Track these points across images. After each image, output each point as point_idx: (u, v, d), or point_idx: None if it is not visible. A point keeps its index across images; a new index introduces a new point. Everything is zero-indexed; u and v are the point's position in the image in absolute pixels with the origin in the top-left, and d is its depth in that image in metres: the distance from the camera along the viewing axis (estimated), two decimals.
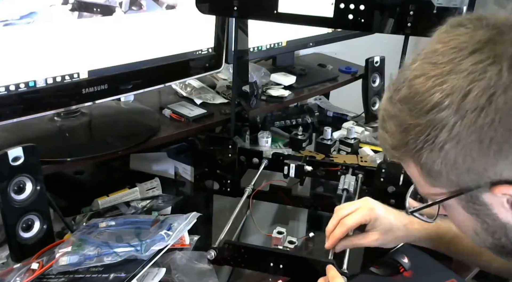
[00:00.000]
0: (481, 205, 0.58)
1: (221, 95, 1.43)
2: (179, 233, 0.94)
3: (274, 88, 1.53)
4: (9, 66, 0.93)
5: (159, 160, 1.33)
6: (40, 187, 0.93)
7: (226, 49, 1.34)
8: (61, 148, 1.07)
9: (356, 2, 0.97)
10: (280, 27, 1.37)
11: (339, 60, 1.90)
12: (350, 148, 1.42)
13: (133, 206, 1.15)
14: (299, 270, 0.89)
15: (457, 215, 0.62)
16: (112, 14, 1.05)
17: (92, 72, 1.06)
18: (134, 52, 1.13)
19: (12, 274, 0.87)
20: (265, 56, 1.62)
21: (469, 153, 0.53)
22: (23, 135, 1.05)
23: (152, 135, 1.18)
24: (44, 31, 0.96)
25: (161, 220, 1.01)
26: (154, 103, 1.35)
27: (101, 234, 0.97)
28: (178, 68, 1.24)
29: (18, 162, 0.89)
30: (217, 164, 1.22)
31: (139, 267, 0.87)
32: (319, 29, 1.65)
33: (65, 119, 1.14)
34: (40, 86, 0.98)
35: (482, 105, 0.51)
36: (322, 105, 1.75)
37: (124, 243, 0.93)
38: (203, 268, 0.93)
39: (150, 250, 0.90)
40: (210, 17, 1.24)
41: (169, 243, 0.92)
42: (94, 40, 1.05)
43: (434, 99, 0.54)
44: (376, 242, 0.90)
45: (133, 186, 1.18)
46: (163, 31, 1.17)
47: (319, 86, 1.64)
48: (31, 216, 0.93)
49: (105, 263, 0.89)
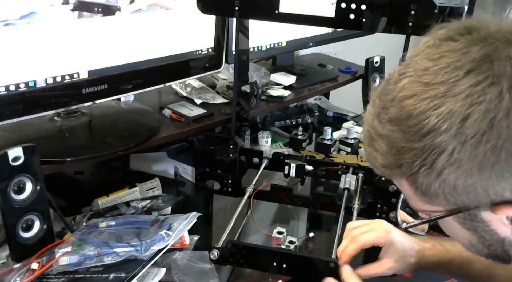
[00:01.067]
0: (480, 222, 0.56)
1: (221, 95, 1.43)
2: (179, 233, 0.94)
3: (274, 88, 1.53)
4: (9, 66, 0.93)
5: (159, 160, 1.33)
6: (40, 187, 0.93)
7: (226, 49, 1.34)
8: (61, 148, 1.07)
9: (358, 2, 0.97)
10: (280, 27, 1.37)
11: (339, 60, 1.90)
12: (350, 148, 1.42)
13: (133, 206, 1.15)
14: (302, 269, 0.89)
15: (452, 229, 0.61)
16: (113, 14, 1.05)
17: (92, 72, 1.06)
18: (134, 52, 1.13)
19: (12, 274, 0.87)
20: (265, 56, 1.62)
21: (469, 178, 0.51)
22: (23, 135, 1.04)
23: (152, 135, 1.17)
24: (44, 31, 0.96)
25: (161, 220, 1.01)
26: (154, 103, 1.35)
27: (101, 234, 0.97)
28: (178, 68, 1.24)
29: (18, 162, 0.89)
30: (217, 164, 1.21)
31: (139, 267, 0.87)
32: (319, 29, 1.65)
33: (65, 119, 1.13)
34: (40, 86, 0.98)
35: (483, 130, 0.49)
36: (322, 105, 1.75)
37: (124, 243, 0.93)
38: (204, 268, 0.93)
39: (150, 250, 0.90)
40: (210, 17, 1.24)
41: (169, 243, 0.92)
42: (94, 40, 1.05)
43: (430, 123, 0.51)
44: (390, 270, 0.86)
45: (133, 186, 1.18)
46: (163, 31, 1.17)
47: (319, 86, 1.64)
48: (31, 216, 0.93)
49: (105, 263, 0.89)
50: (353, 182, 1.09)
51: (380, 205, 1.10)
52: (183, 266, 0.94)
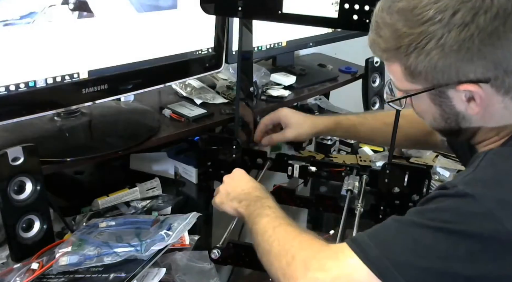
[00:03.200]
0: (445, 98, 0.73)
1: (221, 95, 1.43)
2: (179, 233, 0.94)
3: (274, 88, 1.53)
4: (9, 66, 0.93)
5: (159, 160, 1.33)
6: (40, 187, 0.93)
7: (226, 49, 1.34)
8: (61, 148, 1.07)
9: (361, 3, 0.97)
10: (280, 27, 1.37)
11: (339, 60, 1.90)
12: (350, 148, 1.42)
13: (133, 206, 1.15)
14: None
15: (422, 105, 0.77)
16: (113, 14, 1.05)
17: (92, 72, 1.06)
18: (134, 52, 1.13)
19: (12, 274, 0.87)
20: (265, 56, 1.62)
21: (448, 59, 0.67)
22: (23, 135, 1.04)
23: (152, 135, 1.17)
24: (44, 31, 0.96)
25: (161, 220, 1.01)
26: (154, 103, 1.35)
27: (101, 234, 0.97)
28: (178, 68, 1.24)
29: (18, 162, 0.89)
30: (220, 165, 1.21)
31: (139, 267, 0.87)
32: (319, 29, 1.65)
33: (65, 119, 1.13)
34: (40, 86, 0.98)
35: (466, 22, 0.65)
36: (322, 105, 1.75)
37: (124, 243, 0.93)
38: (204, 268, 0.93)
39: (150, 250, 0.90)
40: (210, 17, 1.24)
41: (169, 243, 0.92)
42: (94, 40, 1.05)
43: (429, 14, 0.67)
44: (291, 134, 1.18)
45: (133, 186, 1.18)
46: (163, 31, 1.17)
47: (319, 86, 1.64)
48: (31, 216, 0.93)
49: (105, 263, 0.89)
50: (356, 184, 1.09)
51: (383, 207, 1.09)
52: (183, 266, 0.94)
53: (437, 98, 0.73)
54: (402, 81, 0.75)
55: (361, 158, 1.31)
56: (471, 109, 0.72)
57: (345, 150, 1.42)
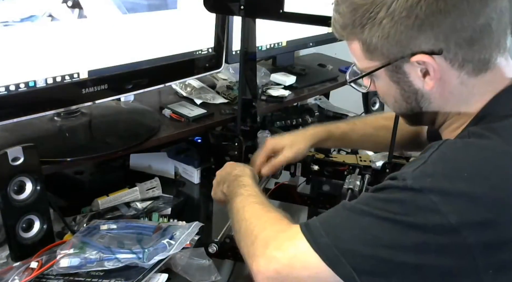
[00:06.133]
0: (402, 73, 0.73)
1: (221, 95, 1.43)
2: (181, 244, 0.94)
3: (274, 88, 1.53)
4: (9, 66, 0.93)
5: (159, 160, 1.33)
6: (40, 187, 0.93)
7: (226, 49, 1.34)
8: (61, 148, 1.07)
9: None
10: (280, 27, 1.37)
11: (339, 60, 1.90)
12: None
13: (133, 207, 1.15)
14: None
15: (383, 85, 0.78)
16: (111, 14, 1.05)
17: (92, 72, 1.06)
18: (134, 52, 1.13)
19: (11, 273, 0.87)
20: (265, 56, 1.62)
21: (399, 27, 0.68)
22: (23, 135, 1.04)
23: (152, 135, 1.17)
24: (44, 31, 0.96)
25: (163, 228, 1.00)
26: (154, 103, 1.35)
27: (103, 237, 0.97)
28: (178, 68, 1.24)
29: (18, 162, 0.89)
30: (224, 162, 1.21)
31: (140, 275, 0.87)
32: (319, 29, 1.65)
33: (65, 119, 1.13)
34: (40, 86, 0.98)
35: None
36: (322, 105, 1.75)
37: (126, 249, 0.92)
38: (203, 264, 0.93)
39: (153, 259, 0.90)
40: (210, 17, 1.24)
41: (171, 254, 0.92)
42: (94, 40, 1.05)
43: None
44: (291, 153, 1.10)
45: (133, 186, 1.17)
46: (163, 31, 1.17)
47: (319, 86, 1.64)
48: (31, 216, 0.93)
49: (106, 268, 0.89)
50: (357, 183, 1.09)
51: None
52: (183, 265, 0.93)
53: (395, 74, 0.74)
54: (362, 60, 0.76)
55: (361, 158, 1.31)
56: (427, 85, 0.72)
57: (345, 150, 1.42)
